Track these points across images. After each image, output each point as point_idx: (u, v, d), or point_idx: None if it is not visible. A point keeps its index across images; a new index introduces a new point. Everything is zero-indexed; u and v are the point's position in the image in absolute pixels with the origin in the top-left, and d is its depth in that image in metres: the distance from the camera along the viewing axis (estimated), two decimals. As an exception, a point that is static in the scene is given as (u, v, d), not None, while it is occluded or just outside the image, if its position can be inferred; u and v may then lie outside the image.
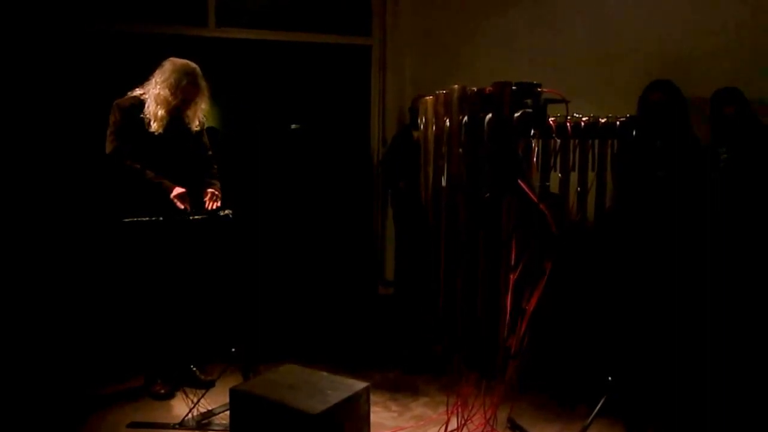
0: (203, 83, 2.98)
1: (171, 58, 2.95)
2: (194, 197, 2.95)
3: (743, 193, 2.91)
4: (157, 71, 2.92)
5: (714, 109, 3.11)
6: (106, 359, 3.42)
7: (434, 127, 2.35)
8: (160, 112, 2.86)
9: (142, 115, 2.87)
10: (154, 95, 2.88)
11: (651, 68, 3.45)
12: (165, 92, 2.87)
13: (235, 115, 5.05)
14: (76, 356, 3.46)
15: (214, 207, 2.98)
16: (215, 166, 3.19)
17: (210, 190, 3.03)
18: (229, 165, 3.75)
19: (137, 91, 2.94)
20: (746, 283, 2.83)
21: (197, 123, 3.06)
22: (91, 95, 4.04)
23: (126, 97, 2.94)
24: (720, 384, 2.73)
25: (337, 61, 5.16)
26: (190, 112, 2.99)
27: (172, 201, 2.84)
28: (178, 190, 2.87)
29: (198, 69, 2.96)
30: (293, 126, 5.31)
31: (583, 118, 2.24)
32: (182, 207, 2.86)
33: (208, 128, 3.23)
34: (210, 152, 3.20)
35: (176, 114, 2.94)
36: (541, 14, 4.27)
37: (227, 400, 2.42)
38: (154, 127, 2.86)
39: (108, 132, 2.88)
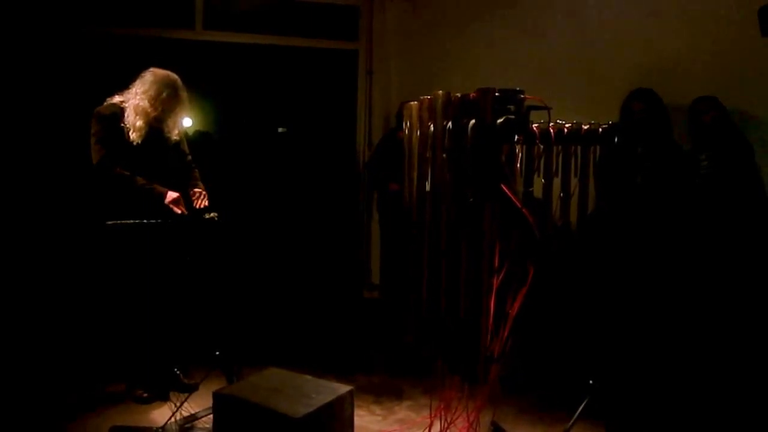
0: (184, 94, 2.96)
1: (152, 69, 2.93)
2: None
3: (724, 199, 2.95)
4: (138, 81, 2.90)
5: (693, 117, 3.16)
6: (88, 363, 3.39)
7: (418, 132, 2.37)
8: (140, 123, 2.84)
9: (122, 124, 2.84)
10: (133, 105, 2.85)
11: (633, 76, 3.49)
12: (145, 103, 2.85)
13: (222, 118, 5.03)
14: (58, 360, 3.42)
15: (203, 206, 2.97)
16: (196, 171, 3.18)
17: (197, 189, 3.03)
18: (216, 167, 3.74)
19: (116, 99, 2.91)
20: (730, 287, 2.87)
21: (177, 132, 3.05)
22: (77, 96, 4.00)
23: (105, 104, 2.91)
24: (701, 386, 2.77)
25: (324, 65, 5.18)
26: (170, 122, 2.97)
27: (167, 207, 2.83)
28: (171, 195, 2.86)
29: (179, 80, 2.95)
30: (280, 129, 5.31)
31: (566, 125, 2.27)
32: (179, 212, 2.85)
33: (199, 132, 3.23)
34: (189, 157, 3.18)
35: (156, 124, 2.91)
36: (524, 22, 4.31)
37: (210, 403, 2.41)
38: (134, 137, 2.83)
39: (93, 141, 2.85)
